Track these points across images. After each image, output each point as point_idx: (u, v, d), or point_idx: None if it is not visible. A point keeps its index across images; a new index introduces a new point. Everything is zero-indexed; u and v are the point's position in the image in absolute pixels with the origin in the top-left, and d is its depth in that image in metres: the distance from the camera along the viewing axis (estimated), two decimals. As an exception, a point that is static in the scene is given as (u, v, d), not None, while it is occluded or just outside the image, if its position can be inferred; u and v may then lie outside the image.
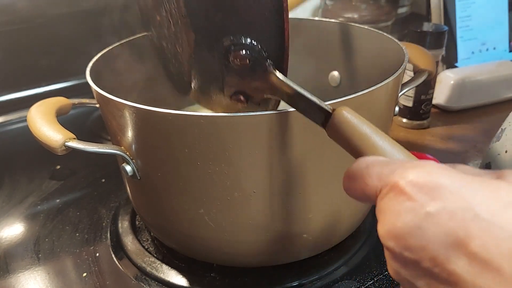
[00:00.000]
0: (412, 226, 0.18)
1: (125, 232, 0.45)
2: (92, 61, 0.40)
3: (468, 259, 0.16)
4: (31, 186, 0.55)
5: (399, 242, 0.18)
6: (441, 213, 0.17)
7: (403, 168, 0.20)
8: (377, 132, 0.24)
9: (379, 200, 0.20)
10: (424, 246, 0.18)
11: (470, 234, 0.17)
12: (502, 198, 0.17)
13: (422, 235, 0.18)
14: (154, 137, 0.32)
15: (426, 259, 0.18)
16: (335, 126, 0.25)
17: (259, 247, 0.37)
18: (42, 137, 0.35)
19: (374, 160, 0.22)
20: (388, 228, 0.19)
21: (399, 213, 0.19)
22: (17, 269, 0.42)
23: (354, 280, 0.39)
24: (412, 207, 0.18)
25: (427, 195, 0.18)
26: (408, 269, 0.19)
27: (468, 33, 0.73)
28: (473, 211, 0.17)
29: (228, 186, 0.32)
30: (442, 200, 0.18)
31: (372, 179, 0.21)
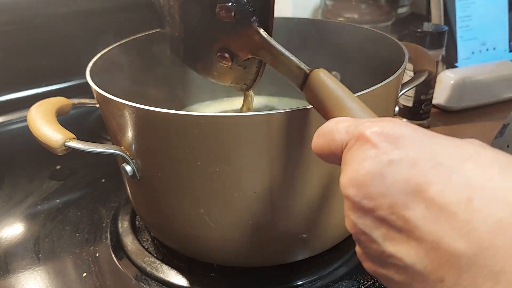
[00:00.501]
0: (374, 173, 0.18)
1: (125, 232, 0.45)
2: (92, 61, 0.40)
3: (425, 205, 0.17)
4: (31, 186, 0.55)
5: (360, 190, 0.19)
6: (403, 161, 0.18)
7: (370, 122, 0.20)
8: (350, 95, 0.25)
9: (345, 152, 0.21)
10: (384, 193, 0.18)
11: (430, 180, 0.17)
12: (463, 151, 0.18)
13: (383, 181, 0.18)
14: (154, 137, 0.32)
15: (384, 206, 0.18)
16: (311, 87, 0.26)
17: (259, 247, 0.37)
18: (42, 137, 0.35)
19: (343, 118, 0.23)
20: (351, 176, 0.19)
21: (363, 160, 0.19)
22: (17, 269, 0.42)
23: (354, 280, 0.39)
24: (375, 154, 0.19)
25: (391, 144, 0.18)
26: (365, 219, 0.19)
27: (468, 33, 0.73)
28: (434, 159, 0.17)
29: (228, 186, 0.32)
30: (405, 149, 0.18)
31: (340, 133, 0.21)
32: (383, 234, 0.18)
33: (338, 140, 0.21)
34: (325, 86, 0.25)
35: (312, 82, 0.26)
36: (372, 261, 0.20)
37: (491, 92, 0.69)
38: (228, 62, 0.32)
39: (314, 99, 0.26)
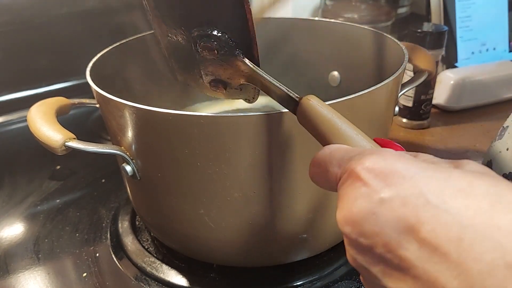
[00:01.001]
0: (367, 212, 0.18)
1: (125, 232, 0.45)
2: (92, 61, 0.40)
3: (418, 245, 0.17)
4: (31, 186, 0.55)
5: (355, 228, 0.19)
6: (394, 199, 0.18)
7: (361, 155, 0.20)
8: (342, 119, 0.25)
9: (339, 187, 0.21)
10: (378, 232, 0.18)
11: (421, 220, 0.17)
12: (452, 185, 0.17)
13: (376, 220, 0.18)
14: (154, 137, 0.32)
15: (380, 244, 0.18)
16: (302, 113, 0.26)
17: (259, 247, 0.37)
18: (42, 137, 0.35)
19: (337, 148, 0.23)
20: (345, 214, 0.19)
21: (355, 198, 0.19)
22: (17, 269, 0.42)
23: (354, 281, 0.39)
24: (367, 192, 0.19)
25: (381, 181, 0.18)
26: (364, 256, 0.19)
27: (468, 33, 0.73)
28: (425, 197, 0.17)
29: (228, 186, 0.32)
30: (396, 186, 0.18)
31: (333, 166, 0.22)
32: (382, 270, 0.18)
33: (332, 173, 0.22)
34: (316, 112, 0.25)
35: (302, 109, 0.26)
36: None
37: (491, 92, 0.69)
38: (222, 90, 0.33)
39: (307, 125, 0.26)
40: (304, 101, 0.26)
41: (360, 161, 0.20)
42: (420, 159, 0.20)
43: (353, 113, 0.31)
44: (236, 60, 0.30)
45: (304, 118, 0.26)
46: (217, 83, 0.33)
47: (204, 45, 0.30)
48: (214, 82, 0.33)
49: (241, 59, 0.30)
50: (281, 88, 0.28)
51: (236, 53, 0.30)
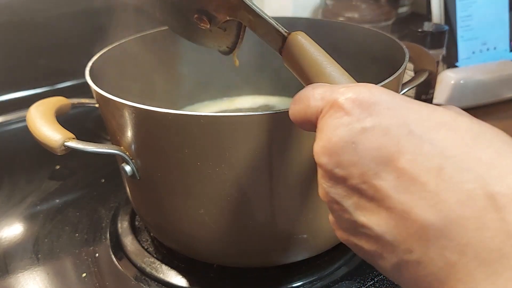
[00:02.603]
0: (346, 141, 0.18)
1: (124, 232, 0.45)
2: (91, 60, 0.40)
3: (396, 174, 0.16)
4: (30, 186, 0.55)
5: (332, 158, 0.18)
6: (376, 129, 0.17)
7: (345, 88, 0.20)
8: (330, 60, 0.24)
9: (320, 119, 0.20)
10: (355, 162, 0.17)
11: (402, 149, 0.17)
12: (436, 118, 0.17)
13: (354, 150, 0.18)
14: (154, 137, 0.32)
15: (356, 175, 0.18)
16: (289, 51, 0.25)
17: (259, 247, 0.36)
18: (41, 137, 0.35)
19: (320, 85, 0.22)
20: (323, 144, 0.19)
21: (335, 128, 0.18)
22: (17, 269, 0.42)
23: (354, 281, 0.38)
24: (348, 121, 0.18)
25: (364, 111, 0.18)
26: (337, 188, 0.19)
27: (468, 33, 0.73)
28: (408, 127, 0.17)
29: (228, 186, 0.32)
30: (379, 116, 0.18)
31: (315, 100, 0.21)
32: (355, 203, 0.18)
33: (313, 106, 0.21)
34: (303, 49, 0.24)
35: (290, 45, 0.25)
36: (344, 230, 0.20)
37: (491, 91, 0.69)
38: (206, 24, 0.31)
39: (293, 64, 0.25)
40: (292, 36, 0.25)
41: (344, 92, 0.19)
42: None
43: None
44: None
45: (290, 55, 0.25)
46: (202, 14, 0.31)
47: None
48: (199, 14, 0.31)
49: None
50: (269, 22, 0.27)
51: None
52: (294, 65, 0.25)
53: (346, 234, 0.20)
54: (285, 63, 0.26)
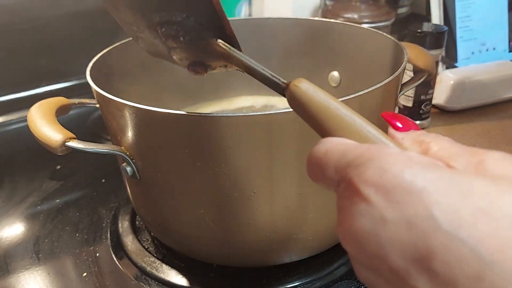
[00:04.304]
0: (368, 233, 0.16)
1: (125, 232, 0.45)
2: (92, 61, 0.40)
3: (428, 277, 0.14)
4: (31, 186, 0.55)
5: (356, 247, 0.17)
6: (399, 221, 0.15)
7: (360, 160, 0.17)
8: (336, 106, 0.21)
9: (338, 196, 0.18)
10: (382, 256, 0.16)
11: (432, 249, 0.14)
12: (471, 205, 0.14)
13: (379, 243, 0.16)
14: (154, 137, 0.32)
15: (386, 270, 0.16)
16: (292, 101, 0.23)
17: (259, 247, 0.36)
18: (42, 137, 0.35)
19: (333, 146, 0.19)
20: (345, 230, 0.17)
21: (355, 215, 0.16)
22: (17, 269, 0.42)
23: (354, 280, 0.39)
24: (367, 210, 0.16)
25: (384, 198, 0.16)
26: (369, 274, 0.17)
27: (468, 33, 0.73)
28: (435, 221, 0.14)
29: (228, 186, 0.32)
30: (401, 205, 0.15)
31: (330, 170, 0.19)
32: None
33: (329, 178, 0.19)
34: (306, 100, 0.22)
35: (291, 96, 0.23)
36: None
37: (491, 92, 0.69)
38: (203, 73, 0.29)
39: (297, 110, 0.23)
40: (291, 87, 0.22)
41: (358, 170, 0.17)
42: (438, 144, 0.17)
43: (353, 113, 0.31)
44: (208, 43, 0.26)
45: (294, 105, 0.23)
46: (195, 66, 0.29)
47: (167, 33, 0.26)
48: (192, 66, 0.29)
49: (215, 42, 0.26)
50: (264, 73, 0.25)
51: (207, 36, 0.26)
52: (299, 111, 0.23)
53: None
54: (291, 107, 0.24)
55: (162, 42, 0.28)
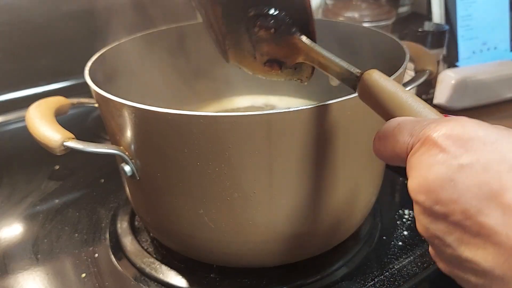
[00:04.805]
0: (445, 179, 0.18)
1: (124, 232, 0.45)
2: (91, 60, 0.40)
3: (502, 211, 0.16)
4: (30, 186, 0.54)
5: (430, 196, 0.18)
6: (475, 165, 0.17)
7: (436, 123, 0.19)
8: (407, 93, 0.24)
9: (411, 156, 0.20)
10: (456, 199, 0.17)
11: (505, 186, 0.16)
12: None
13: (454, 187, 0.18)
14: (153, 137, 0.32)
15: (458, 212, 0.17)
16: (364, 88, 0.25)
17: (259, 247, 0.36)
18: (40, 137, 0.35)
19: (406, 118, 0.22)
20: (419, 182, 0.19)
21: (431, 165, 0.18)
22: (16, 270, 0.42)
23: (354, 281, 0.38)
24: (444, 159, 0.18)
25: (460, 147, 0.18)
26: (438, 224, 0.19)
27: (469, 33, 0.73)
28: (508, 163, 0.17)
29: (228, 186, 0.32)
30: (476, 152, 0.18)
31: (403, 136, 0.21)
32: (458, 239, 0.18)
33: (402, 142, 0.21)
34: (379, 87, 0.25)
35: (364, 84, 0.25)
36: (447, 263, 0.20)
37: (492, 91, 0.68)
38: (277, 70, 0.33)
39: (370, 100, 0.25)
40: (366, 76, 0.25)
41: (436, 128, 0.19)
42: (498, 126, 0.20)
43: (354, 113, 0.31)
44: (293, 38, 0.30)
45: (366, 94, 0.25)
46: (273, 62, 0.33)
47: (261, 24, 0.30)
48: (270, 62, 0.33)
49: (298, 37, 0.30)
50: (341, 65, 0.28)
51: (293, 31, 0.29)
52: (371, 102, 0.25)
53: (449, 267, 0.20)
54: (361, 99, 0.26)
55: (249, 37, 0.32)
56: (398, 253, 0.41)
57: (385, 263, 0.40)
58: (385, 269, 0.39)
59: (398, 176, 0.53)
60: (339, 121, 0.31)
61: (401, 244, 0.42)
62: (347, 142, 0.33)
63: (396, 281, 0.38)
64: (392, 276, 0.38)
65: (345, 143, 0.33)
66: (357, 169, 0.36)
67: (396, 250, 0.41)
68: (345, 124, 0.32)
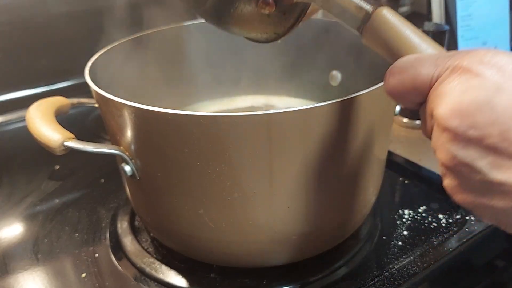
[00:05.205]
0: (482, 102, 0.18)
1: (124, 232, 0.45)
2: (91, 60, 0.40)
3: None
4: (30, 186, 0.54)
5: (466, 119, 0.18)
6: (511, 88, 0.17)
7: (465, 52, 0.20)
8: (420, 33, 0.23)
9: (438, 84, 0.20)
10: (493, 121, 0.18)
11: None
12: None
13: (492, 109, 0.18)
14: (154, 137, 0.32)
15: (494, 133, 0.18)
16: (374, 27, 0.24)
17: (259, 247, 0.36)
18: (41, 137, 0.35)
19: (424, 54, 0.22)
20: (453, 107, 0.19)
21: (465, 90, 0.18)
22: (16, 270, 0.42)
23: (354, 281, 0.38)
24: (481, 83, 0.18)
25: (496, 72, 0.18)
26: (470, 150, 0.18)
27: (469, 33, 0.73)
28: None
29: (228, 186, 0.32)
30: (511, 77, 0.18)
31: (426, 67, 0.21)
32: (490, 162, 0.18)
33: (425, 73, 0.21)
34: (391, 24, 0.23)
35: (376, 22, 0.24)
36: (470, 192, 0.19)
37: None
38: (272, 8, 0.30)
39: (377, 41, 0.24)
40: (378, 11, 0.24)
41: (467, 55, 0.19)
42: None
43: (354, 113, 0.31)
44: None
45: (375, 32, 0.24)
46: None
47: None
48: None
49: None
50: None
51: None
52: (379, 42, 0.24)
53: (472, 196, 0.20)
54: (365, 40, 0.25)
55: None
56: (398, 253, 0.41)
57: (385, 263, 0.40)
58: (385, 269, 0.39)
59: (398, 176, 0.53)
60: (339, 121, 0.31)
61: (401, 244, 0.42)
62: (347, 142, 0.33)
63: (396, 281, 0.38)
64: (392, 276, 0.38)
65: (345, 143, 0.33)
66: (357, 169, 0.36)
67: (396, 250, 0.41)
68: (345, 124, 0.32)
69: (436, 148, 0.20)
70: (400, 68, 0.22)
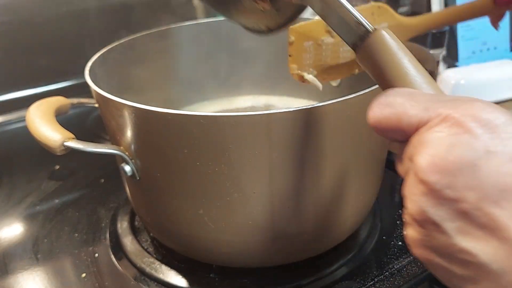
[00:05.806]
0: (466, 163, 0.17)
1: (124, 232, 0.45)
2: (91, 60, 0.40)
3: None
4: (30, 186, 0.54)
5: (445, 177, 0.17)
6: (502, 153, 0.16)
7: (460, 101, 0.18)
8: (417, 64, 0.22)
9: (425, 131, 0.18)
10: (474, 186, 0.16)
11: None
12: None
13: (474, 173, 0.16)
14: (153, 137, 0.32)
15: (471, 200, 0.16)
16: (370, 48, 0.22)
17: (259, 247, 0.36)
18: (41, 137, 0.35)
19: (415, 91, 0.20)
20: (435, 161, 0.17)
21: (453, 145, 0.17)
22: (16, 270, 0.42)
23: (354, 281, 0.38)
24: (470, 142, 0.17)
25: (489, 132, 0.17)
26: (441, 209, 0.17)
27: (469, 33, 0.73)
28: None
29: (228, 186, 0.32)
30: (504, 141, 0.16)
31: (415, 108, 0.19)
32: (459, 227, 0.17)
33: (414, 115, 0.19)
34: (390, 49, 0.22)
35: (374, 42, 0.22)
36: (429, 250, 0.18)
37: (492, 91, 0.68)
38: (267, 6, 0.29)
39: (371, 62, 0.22)
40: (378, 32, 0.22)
41: (462, 106, 0.18)
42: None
43: (354, 113, 0.31)
44: None
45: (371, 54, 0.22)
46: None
47: None
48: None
49: None
50: (352, 13, 0.23)
51: None
52: (374, 64, 0.22)
53: (432, 255, 0.18)
54: (360, 58, 0.23)
55: None
56: (398, 253, 0.41)
57: (385, 263, 0.40)
58: (385, 269, 0.39)
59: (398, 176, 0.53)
60: (339, 121, 0.31)
61: (401, 244, 0.42)
62: (347, 142, 0.33)
63: (396, 281, 0.38)
64: (392, 276, 0.38)
65: (345, 143, 0.33)
66: (357, 169, 0.36)
67: (396, 250, 0.41)
68: (345, 124, 0.32)
69: (407, 196, 0.19)
70: (386, 102, 0.20)
